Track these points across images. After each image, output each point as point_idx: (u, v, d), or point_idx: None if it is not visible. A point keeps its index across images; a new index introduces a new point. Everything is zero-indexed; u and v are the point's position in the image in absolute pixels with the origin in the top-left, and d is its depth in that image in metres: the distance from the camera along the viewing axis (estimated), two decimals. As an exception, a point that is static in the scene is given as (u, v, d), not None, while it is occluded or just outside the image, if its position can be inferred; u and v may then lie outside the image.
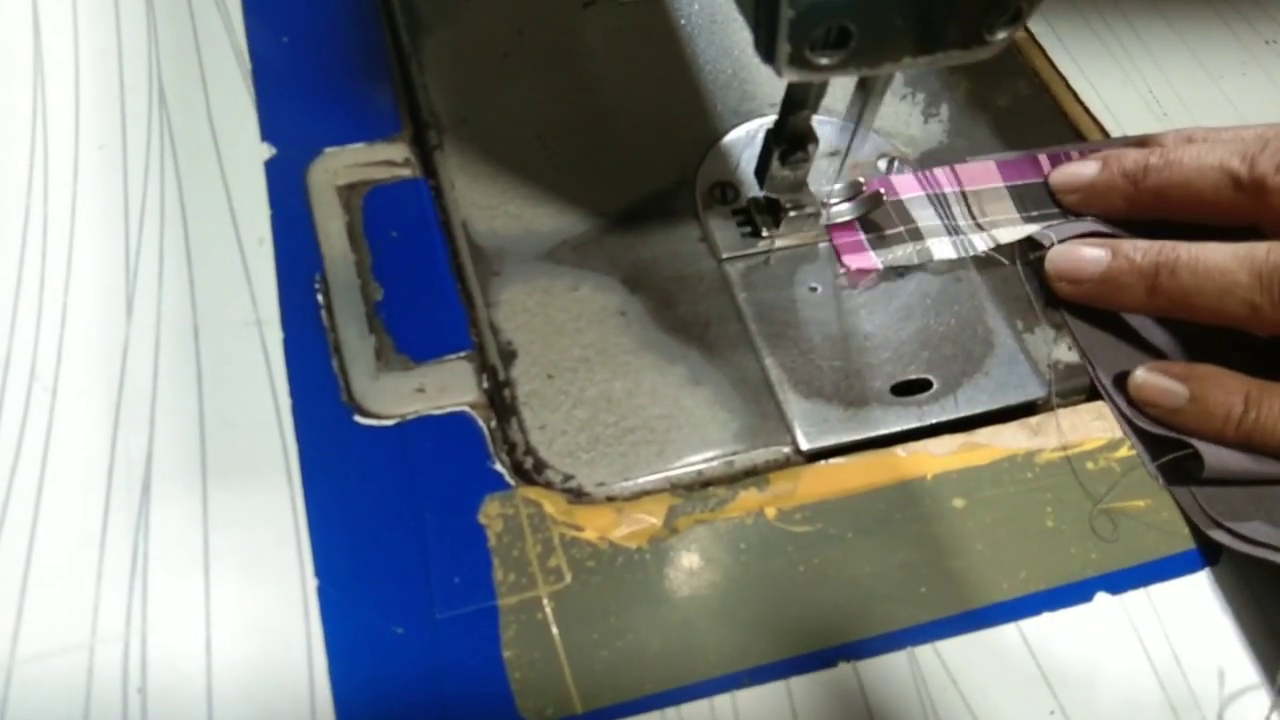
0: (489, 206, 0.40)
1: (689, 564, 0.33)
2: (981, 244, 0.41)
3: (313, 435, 0.34)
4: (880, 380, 0.37)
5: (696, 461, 0.35)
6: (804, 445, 0.36)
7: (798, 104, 0.36)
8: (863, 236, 0.40)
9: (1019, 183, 0.43)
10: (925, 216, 0.41)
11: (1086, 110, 0.47)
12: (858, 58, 0.30)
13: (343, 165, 0.41)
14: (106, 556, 0.32)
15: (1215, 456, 0.35)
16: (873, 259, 0.40)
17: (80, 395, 0.35)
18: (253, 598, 0.31)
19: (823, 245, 0.41)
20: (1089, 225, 0.41)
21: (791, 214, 0.40)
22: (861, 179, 0.41)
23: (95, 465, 0.33)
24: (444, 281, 0.38)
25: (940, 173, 0.42)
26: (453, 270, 0.39)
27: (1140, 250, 0.37)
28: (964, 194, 0.42)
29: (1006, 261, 0.41)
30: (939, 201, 0.41)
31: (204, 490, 0.33)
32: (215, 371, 0.35)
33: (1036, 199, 0.42)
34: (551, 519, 0.33)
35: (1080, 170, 0.42)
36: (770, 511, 0.34)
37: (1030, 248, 0.41)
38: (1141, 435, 0.37)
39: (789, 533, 0.34)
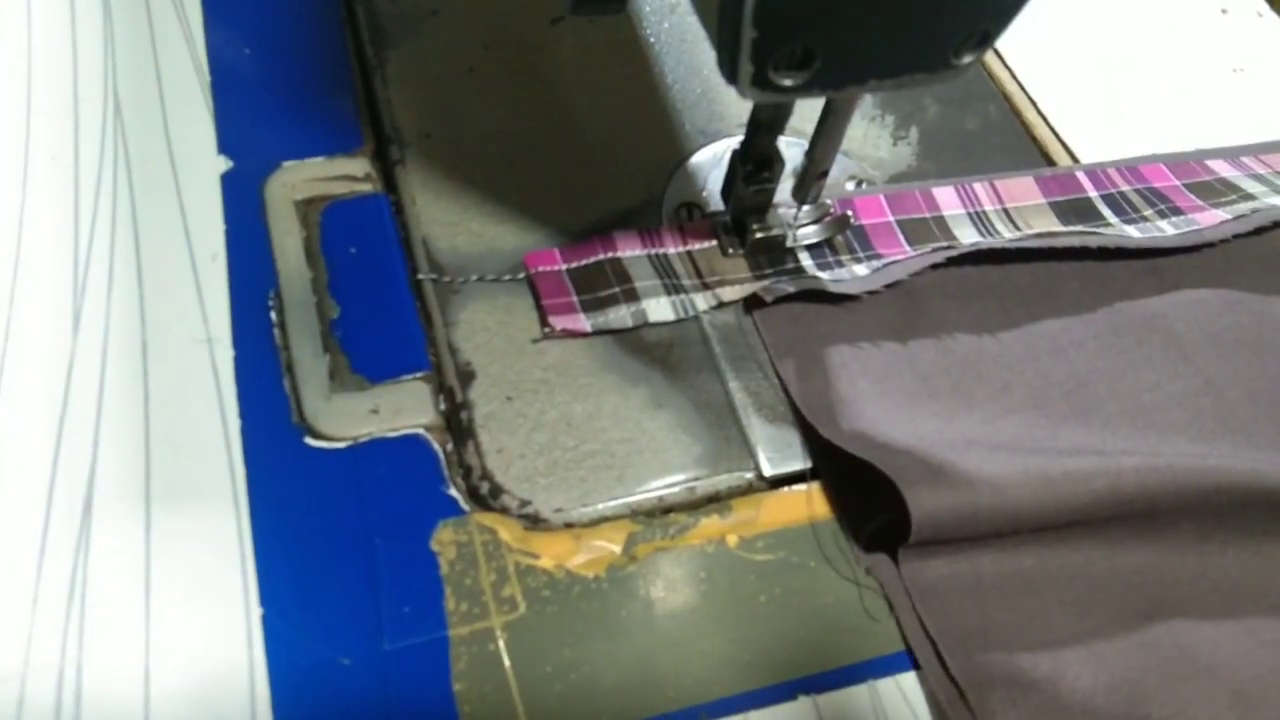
0: (451, 223, 0.39)
1: (647, 593, 0.32)
2: (704, 303, 0.38)
3: (261, 457, 0.33)
4: (845, 405, 0.37)
5: (657, 487, 0.34)
6: (767, 471, 0.35)
7: (763, 125, 0.35)
8: (575, 298, 0.38)
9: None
10: (643, 276, 0.38)
11: (1055, 134, 0.47)
12: (821, 79, 0.30)
13: (301, 179, 0.40)
14: (43, 582, 0.31)
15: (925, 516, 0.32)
16: (582, 321, 0.37)
17: (21, 413, 0.33)
18: (195, 627, 0.30)
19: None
20: (824, 283, 0.38)
21: (758, 235, 0.39)
22: (829, 201, 0.41)
23: (34, 486, 0.32)
24: (402, 300, 0.37)
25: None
26: (412, 288, 0.38)
27: None
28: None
29: (733, 319, 0.39)
30: (659, 261, 0.39)
31: (147, 514, 0.32)
32: (163, 390, 0.34)
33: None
34: (506, 546, 0.32)
35: None
36: (732, 539, 0.34)
37: (755, 304, 0.39)
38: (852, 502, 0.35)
39: (750, 561, 0.33)
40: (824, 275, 0.40)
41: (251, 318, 0.36)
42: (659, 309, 0.38)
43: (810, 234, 0.41)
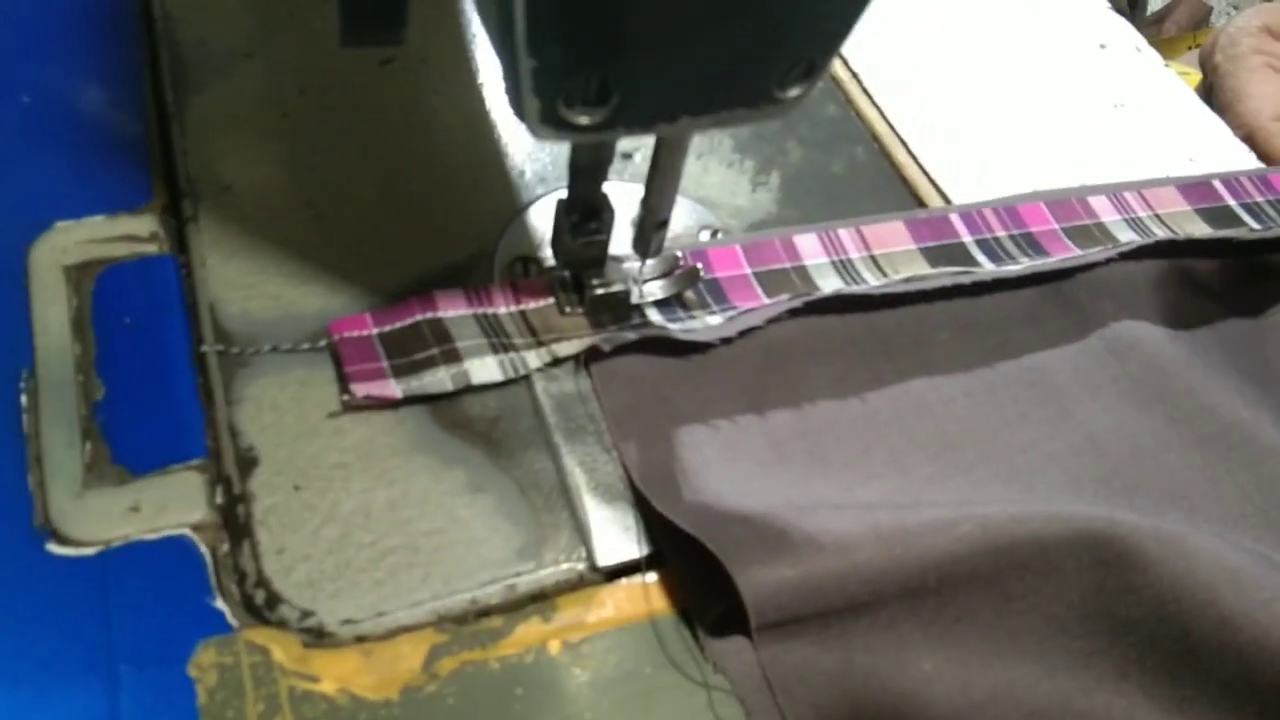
0: (245, 286, 0.35)
1: (448, 718, 0.27)
2: (536, 360, 0.34)
3: (-11, 571, 0.28)
4: (693, 480, 0.33)
5: (469, 586, 0.30)
6: (601, 560, 0.31)
7: (583, 169, 0.32)
8: (384, 363, 0.33)
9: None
10: (468, 335, 0.34)
11: (927, 175, 0.44)
12: (624, 117, 0.26)
13: (75, 241, 0.35)
14: None
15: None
16: (391, 387, 0.33)
17: None
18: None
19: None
20: (672, 332, 0.35)
21: (599, 291, 0.35)
22: (679, 253, 0.37)
23: None
24: (181, 376, 0.33)
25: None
26: (194, 362, 0.33)
27: None
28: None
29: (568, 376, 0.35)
30: (487, 321, 0.35)
31: None
32: (-124, 494, 0.29)
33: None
34: (280, 668, 0.27)
35: None
36: (555, 645, 0.29)
37: (592, 357, 0.35)
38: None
39: (575, 671, 0.29)
40: (673, 326, 0.36)
41: (-2, 403, 0.31)
42: (484, 369, 0.34)
43: (657, 289, 0.37)
